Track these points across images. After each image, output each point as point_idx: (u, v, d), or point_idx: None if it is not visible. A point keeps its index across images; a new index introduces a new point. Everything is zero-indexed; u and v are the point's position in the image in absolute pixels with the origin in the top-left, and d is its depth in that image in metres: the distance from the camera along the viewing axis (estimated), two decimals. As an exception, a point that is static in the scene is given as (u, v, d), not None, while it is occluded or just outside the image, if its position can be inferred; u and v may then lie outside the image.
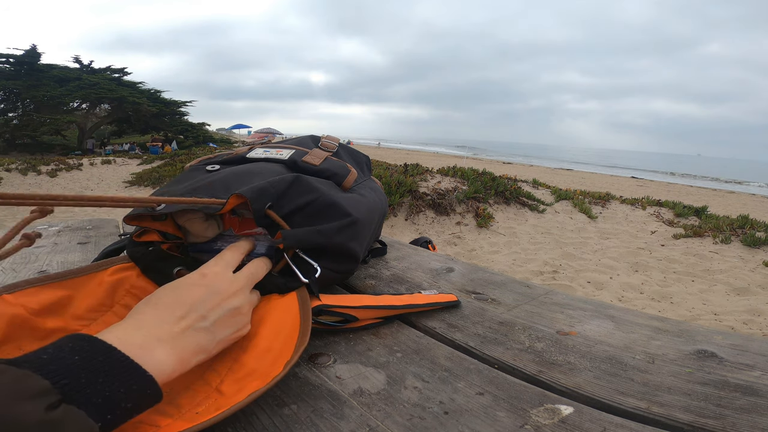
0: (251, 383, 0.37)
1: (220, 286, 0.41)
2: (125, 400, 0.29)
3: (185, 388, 0.38)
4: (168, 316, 0.37)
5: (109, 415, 0.28)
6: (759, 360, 0.43)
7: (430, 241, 0.92)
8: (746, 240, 4.33)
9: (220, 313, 0.40)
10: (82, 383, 0.27)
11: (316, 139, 0.77)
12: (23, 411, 0.23)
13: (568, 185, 9.04)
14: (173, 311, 0.37)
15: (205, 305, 0.39)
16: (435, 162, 10.35)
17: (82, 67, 14.03)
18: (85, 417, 0.26)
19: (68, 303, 0.46)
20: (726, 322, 2.83)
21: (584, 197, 6.07)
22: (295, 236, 0.50)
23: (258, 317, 0.45)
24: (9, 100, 12.94)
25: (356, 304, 0.49)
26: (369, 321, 0.51)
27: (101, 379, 0.28)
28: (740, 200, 10.69)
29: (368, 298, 0.52)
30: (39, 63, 12.75)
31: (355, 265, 0.58)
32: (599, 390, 0.39)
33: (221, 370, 0.40)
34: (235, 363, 0.41)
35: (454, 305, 0.57)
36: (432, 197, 5.24)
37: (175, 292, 0.39)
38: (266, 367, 0.39)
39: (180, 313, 0.37)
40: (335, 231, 0.53)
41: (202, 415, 0.34)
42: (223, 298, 0.41)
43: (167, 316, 0.37)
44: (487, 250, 4.32)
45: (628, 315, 0.54)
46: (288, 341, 0.41)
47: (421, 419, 0.35)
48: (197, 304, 0.39)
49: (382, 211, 0.73)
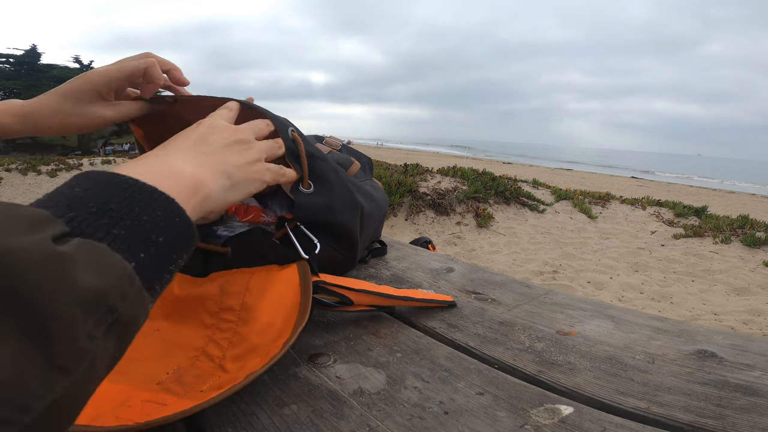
0: (252, 360, 0.38)
1: (219, 123, 0.39)
2: (153, 231, 0.24)
3: (191, 366, 0.39)
4: (173, 148, 0.34)
5: (141, 252, 0.23)
6: (759, 360, 0.43)
7: (430, 241, 0.92)
8: (746, 240, 4.33)
9: (224, 143, 0.37)
10: (93, 212, 0.22)
11: (320, 138, 0.78)
12: (27, 241, 0.18)
13: (568, 185, 9.04)
14: (177, 146, 0.34)
15: (208, 137, 0.36)
16: (435, 162, 10.36)
17: (82, 67, 14.03)
18: (110, 251, 0.21)
19: None
20: (726, 322, 2.83)
21: (584, 197, 6.07)
22: (308, 208, 0.50)
23: (258, 289, 0.45)
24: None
25: (355, 287, 0.49)
26: (363, 307, 0.51)
27: (113, 206, 0.23)
28: (740, 200, 10.69)
29: (367, 284, 0.52)
30: (39, 63, 12.73)
31: (353, 250, 0.58)
32: (599, 390, 0.39)
33: (222, 343, 0.40)
34: (236, 335, 0.41)
35: (451, 305, 0.57)
36: (432, 197, 5.24)
37: (174, 138, 0.36)
38: (268, 343, 0.39)
39: (185, 146, 0.34)
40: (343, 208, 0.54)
41: (207, 393, 0.35)
42: (224, 133, 0.38)
43: (172, 149, 0.33)
44: (487, 250, 4.32)
45: (628, 315, 0.54)
46: (289, 318, 0.41)
47: (421, 419, 0.35)
48: (199, 138, 0.36)
49: (382, 209, 0.73)
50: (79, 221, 0.22)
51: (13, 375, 0.17)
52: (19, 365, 0.17)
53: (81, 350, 0.19)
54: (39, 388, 0.18)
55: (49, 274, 0.18)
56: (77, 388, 0.19)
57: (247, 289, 0.46)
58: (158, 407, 0.33)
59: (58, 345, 0.18)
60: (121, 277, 0.21)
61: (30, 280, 0.18)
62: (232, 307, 0.44)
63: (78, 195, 0.23)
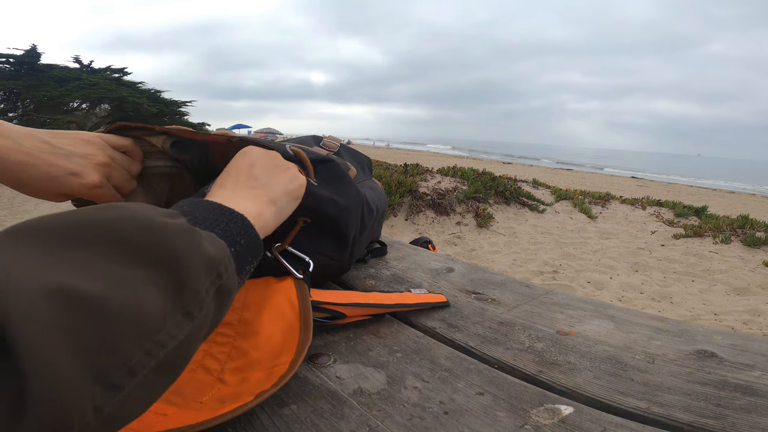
0: (254, 373, 0.38)
1: (256, 157, 0.44)
2: (237, 235, 0.33)
3: (189, 378, 0.39)
4: (232, 188, 0.41)
5: (231, 247, 0.31)
6: (759, 360, 0.43)
7: (430, 241, 0.92)
8: (746, 240, 4.33)
9: (268, 173, 0.43)
10: (199, 218, 0.31)
11: (318, 138, 0.77)
12: (172, 221, 0.26)
13: (568, 185, 9.04)
14: (234, 185, 0.41)
15: (254, 172, 0.43)
16: (435, 162, 10.35)
17: (82, 67, 14.03)
18: (214, 237, 0.29)
19: None
20: (726, 322, 2.83)
21: (584, 197, 6.07)
22: (315, 195, 0.50)
23: (257, 303, 0.45)
24: (9, 100, 12.93)
25: (345, 301, 0.49)
26: (357, 318, 0.51)
27: (212, 216, 0.32)
28: (740, 200, 10.69)
29: (357, 295, 0.52)
30: (39, 63, 12.75)
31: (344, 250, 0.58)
32: (599, 390, 0.39)
33: (220, 357, 0.41)
34: (234, 349, 0.41)
35: (444, 305, 0.57)
36: (432, 197, 5.24)
37: (227, 176, 0.43)
38: (268, 357, 0.39)
39: (240, 185, 0.41)
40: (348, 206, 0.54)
41: (207, 405, 0.35)
42: (264, 162, 0.44)
43: (231, 189, 0.40)
44: (487, 250, 4.31)
45: (628, 315, 0.54)
46: (290, 331, 0.41)
47: (421, 419, 0.35)
48: (248, 175, 0.42)
49: (381, 209, 0.73)
50: (194, 222, 0.30)
51: (159, 314, 0.22)
52: (163, 306, 0.22)
53: (202, 301, 0.26)
54: (172, 328, 0.23)
55: (189, 240, 0.26)
56: (194, 335, 0.25)
57: (244, 304, 0.46)
58: (158, 417, 0.33)
59: (189, 293, 0.24)
60: (226, 253, 0.29)
61: (177, 243, 0.25)
62: (230, 321, 0.45)
63: (186, 210, 0.32)
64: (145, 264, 0.23)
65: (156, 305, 0.22)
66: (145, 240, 0.24)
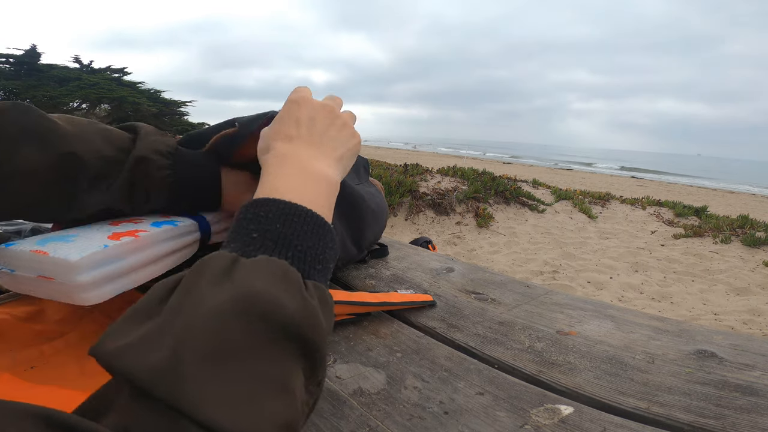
0: None
1: (308, 100, 0.39)
2: (328, 267, 0.31)
3: None
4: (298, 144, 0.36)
5: (327, 280, 0.31)
6: (759, 360, 0.43)
7: (430, 241, 0.92)
8: (746, 240, 4.33)
9: (327, 123, 0.38)
10: (303, 258, 0.28)
11: None
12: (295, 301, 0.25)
13: (568, 185, 9.04)
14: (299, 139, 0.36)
15: (315, 120, 0.38)
16: (435, 162, 10.36)
17: (82, 67, 14.02)
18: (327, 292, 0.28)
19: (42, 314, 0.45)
20: (726, 322, 2.83)
21: (584, 197, 6.07)
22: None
23: None
24: (9, 100, 12.95)
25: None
26: (343, 317, 0.51)
27: (311, 243, 0.29)
28: (740, 200, 10.69)
29: (343, 293, 0.52)
30: (39, 63, 12.74)
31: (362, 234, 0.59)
32: (599, 390, 0.39)
33: None
34: None
35: (430, 305, 0.57)
36: (432, 197, 5.24)
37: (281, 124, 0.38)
38: None
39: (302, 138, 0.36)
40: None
41: None
42: (323, 112, 0.39)
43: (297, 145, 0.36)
44: (487, 250, 4.31)
45: (628, 315, 0.54)
46: None
47: (421, 419, 0.35)
48: (308, 122, 0.37)
49: (381, 210, 0.73)
50: (297, 264, 0.27)
51: (301, 390, 0.24)
52: (302, 383, 0.24)
53: (326, 369, 0.28)
54: (309, 398, 0.26)
55: (314, 323, 0.25)
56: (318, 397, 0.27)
57: None
58: None
59: (322, 367, 0.26)
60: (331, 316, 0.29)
61: (307, 331, 0.24)
62: None
63: (285, 236, 0.28)
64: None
65: (298, 385, 0.24)
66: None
